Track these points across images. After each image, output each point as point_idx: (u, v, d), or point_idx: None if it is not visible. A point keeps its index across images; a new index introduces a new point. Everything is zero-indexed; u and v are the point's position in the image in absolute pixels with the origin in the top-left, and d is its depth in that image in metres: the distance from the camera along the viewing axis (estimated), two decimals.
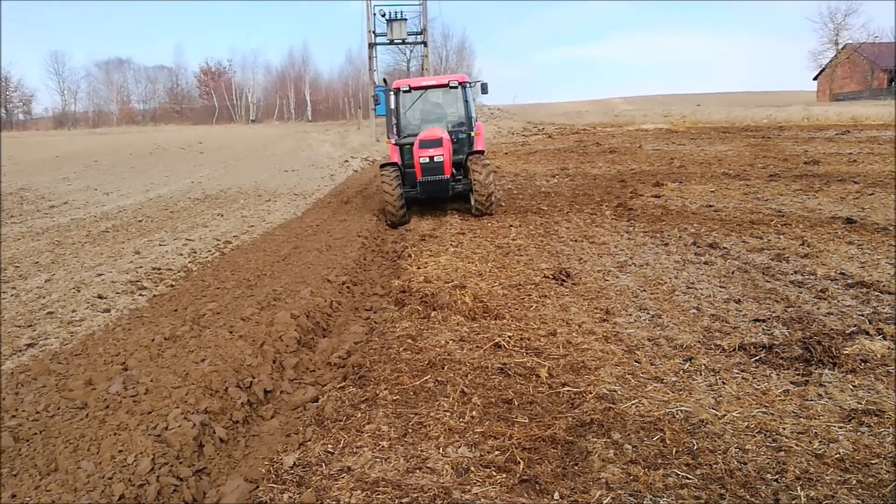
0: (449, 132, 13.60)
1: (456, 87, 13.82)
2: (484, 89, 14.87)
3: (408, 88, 14.02)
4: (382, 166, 13.24)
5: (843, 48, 75.62)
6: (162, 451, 4.07)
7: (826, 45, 78.54)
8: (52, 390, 5.14)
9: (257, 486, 3.85)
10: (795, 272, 7.74)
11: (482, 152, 13.27)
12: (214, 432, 4.49)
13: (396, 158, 13.73)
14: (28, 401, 4.92)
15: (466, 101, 14.07)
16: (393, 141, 14.01)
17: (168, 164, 29.75)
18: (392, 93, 14.17)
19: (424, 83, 14.30)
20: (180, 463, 4.05)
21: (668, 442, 3.96)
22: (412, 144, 13.11)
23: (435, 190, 12.81)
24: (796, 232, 9.99)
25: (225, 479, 4.05)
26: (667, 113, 49.21)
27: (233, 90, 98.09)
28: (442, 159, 12.43)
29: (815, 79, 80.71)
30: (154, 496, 3.69)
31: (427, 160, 12.47)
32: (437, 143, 12.51)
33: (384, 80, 16.23)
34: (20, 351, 6.35)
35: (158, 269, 9.79)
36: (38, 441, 4.29)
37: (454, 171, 13.29)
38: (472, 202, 13.10)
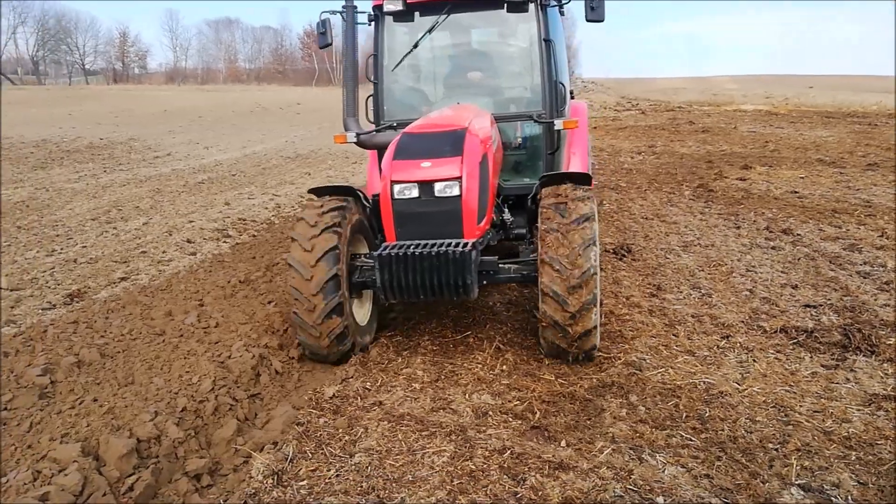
0: (502, 120, 6.04)
1: (523, 4, 5.87)
2: (594, 9, 5.56)
3: (402, 7, 6.09)
4: (314, 191, 5.50)
5: None
6: (223, 374, 4.62)
7: None
8: (137, 318, 5.84)
9: (299, 412, 4.31)
10: (864, 263, 7.56)
11: (587, 178, 5.18)
12: (271, 364, 5.00)
13: (376, 182, 6.53)
14: (115, 325, 5.62)
15: (547, 43, 5.92)
16: (350, 136, 6.47)
17: (266, 123, 30.98)
18: (368, 19, 6.41)
19: None
20: (238, 387, 4.59)
21: (681, 407, 4.15)
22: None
23: (426, 278, 4.56)
24: (878, 223, 9.63)
25: (276, 404, 4.55)
26: (769, 94, 46.98)
27: (333, 54, 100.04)
28: (457, 192, 4.72)
29: None
30: (212, 411, 4.22)
31: (408, 191, 4.78)
32: (441, 140, 4.88)
33: None
34: (114, 283, 7.12)
35: (244, 220, 10.51)
36: (120, 358, 4.95)
37: (499, 222, 5.80)
38: (540, 329, 4.73)
